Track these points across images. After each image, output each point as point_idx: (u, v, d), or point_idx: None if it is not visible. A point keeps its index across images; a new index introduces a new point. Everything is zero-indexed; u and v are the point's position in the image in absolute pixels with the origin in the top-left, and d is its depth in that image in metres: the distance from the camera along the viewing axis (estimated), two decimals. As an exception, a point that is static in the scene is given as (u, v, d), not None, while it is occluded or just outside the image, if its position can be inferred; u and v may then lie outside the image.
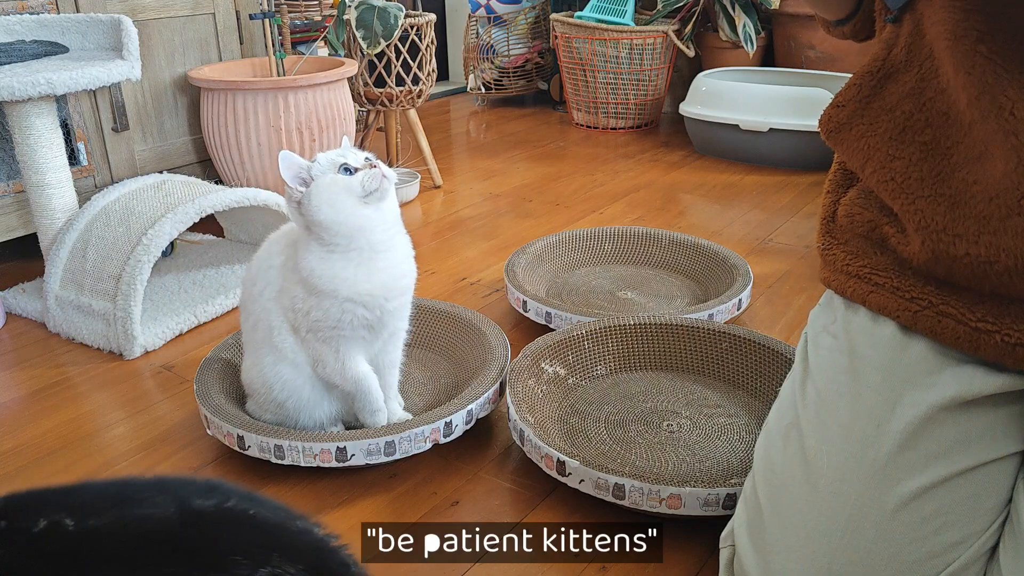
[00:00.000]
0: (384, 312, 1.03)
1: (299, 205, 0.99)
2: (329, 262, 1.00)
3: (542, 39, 3.39)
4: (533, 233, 1.94)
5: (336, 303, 1.01)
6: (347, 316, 1.02)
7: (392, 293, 1.03)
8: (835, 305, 0.82)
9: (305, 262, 1.01)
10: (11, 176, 1.69)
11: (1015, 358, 0.67)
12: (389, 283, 1.02)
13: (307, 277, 1.01)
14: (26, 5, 1.65)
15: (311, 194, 0.98)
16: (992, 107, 0.64)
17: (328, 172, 0.98)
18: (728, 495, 0.91)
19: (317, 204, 0.97)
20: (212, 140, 1.91)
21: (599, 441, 1.10)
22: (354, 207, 0.98)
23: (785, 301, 1.57)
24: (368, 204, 0.99)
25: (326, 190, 0.98)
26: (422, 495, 1.04)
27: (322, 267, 1.00)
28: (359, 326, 1.03)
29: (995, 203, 0.65)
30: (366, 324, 1.03)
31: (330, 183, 0.98)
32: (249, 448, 1.04)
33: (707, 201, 2.19)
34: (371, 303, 1.01)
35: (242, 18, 2.06)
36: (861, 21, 0.83)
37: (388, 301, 1.03)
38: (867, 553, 0.69)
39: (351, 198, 0.98)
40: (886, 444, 0.70)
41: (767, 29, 2.91)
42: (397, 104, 2.25)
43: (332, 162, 0.99)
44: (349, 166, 0.99)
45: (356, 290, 1.00)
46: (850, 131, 0.77)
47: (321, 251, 1.00)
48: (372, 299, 1.01)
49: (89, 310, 1.43)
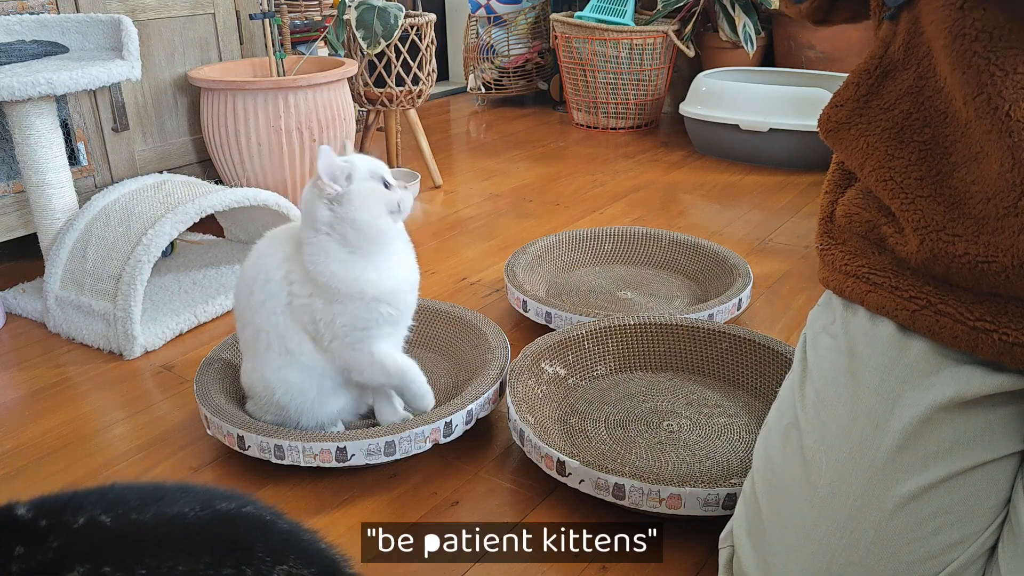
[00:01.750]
0: (406, 305, 1.07)
1: (332, 202, 1.00)
2: (349, 264, 1.02)
3: (542, 39, 3.40)
4: (533, 233, 1.95)
5: (363, 304, 1.03)
6: (374, 315, 1.04)
7: (410, 286, 1.08)
8: (834, 305, 0.82)
9: (323, 267, 1.02)
10: (11, 176, 1.69)
11: (1013, 357, 0.67)
12: (407, 277, 1.08)
13: (327, 282, 1.02)
14: (26, 5, 1.65)
15: (353, 195, 1.01)
16: (988, 107, 0.64)
17: (368, 180, 1.03)
18: (728, 495, 0.91)
19: (358, 206, 1.01)
20: (212, 140, 1.91)
21: (599, 441, 1.10)
22: (384, 217, 1.03)
23: (785, 301, 1.57)
24: (394, 219, 1.05)
25: (369, 196, 1.02)
26: (422, 495, 1.04)
27: (343, 271, 1.02)
28: (384, 323, 1.05)
29: (992, 203, 0.65)
30: (391, 320, 1.06)
31: (373, 190, 1.02)
32: (249, 448, 1.04)
33: (707, 201, 2.19)
34: (394, 299, 1.05)
35: (242, 18, 2.06)
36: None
37: (408, 294, 1.08)
38: (866, 553, 0.69)
39: (385, 210, 1.03)
40: (885, 444, 0.70)
41: (767, 29, 2.91)
42: (397, 104, 2.25)
43: (371, 171, 1.03)
44: (388, 181, 1.04)
45: (380, 288, 1.03)
46: (848, 130, 0.77)
47: (341, 253, 1.02)
48: (395, 295, 1.05)
49: (89, 310, 1.43)
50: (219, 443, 1.12)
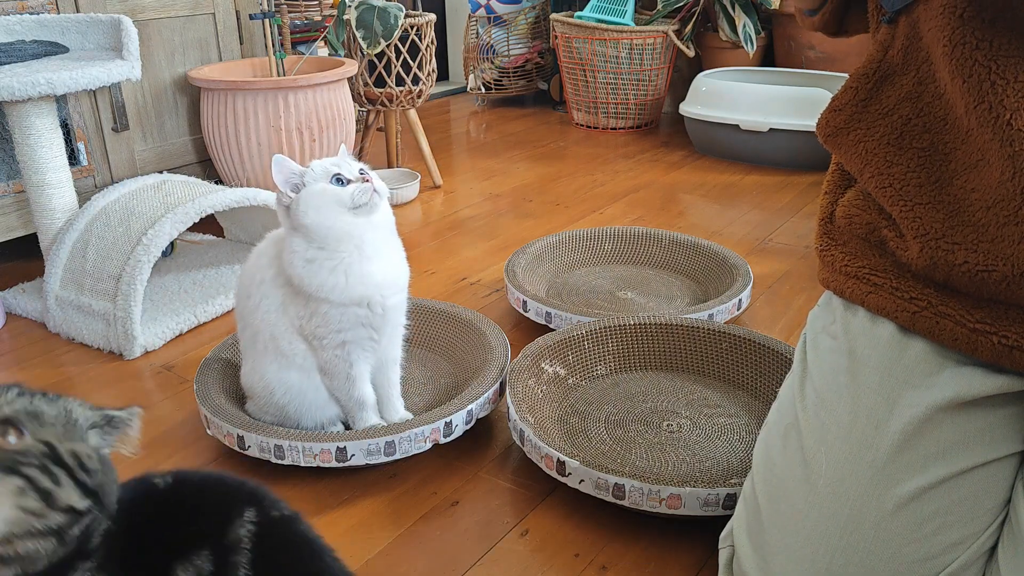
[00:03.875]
0: (385, 309, 1.04)
1: (287, 209, 1.01)
2: (313, 268, 1.01)
3: (542, 39, 3.40)
4: (533, 233, 1.95)
5: (331, 306, 1.02)
6: (347, 318, 1.02)
7: (388, 290, 1.04)
8: (834, 306, 0.82)
9: (291, 268, 1.02)
10: (11, 176, 1.69)
11: (1012, 360, 0.67)
12: (383, 282, 1.04)
13: (299, 284, 1.02)
14: (26, 5, 1.65)
15: (300, 200, 0.99)
16: (989, 116, 0.64)
17: (321, 180, 1.00)
18: (728, 495, 0.91)
19: (304, 210, 0.99)
20: (212, 140, 1.91)
21: (599, 441, 1.10)
22: (341, 216, 1.00)
23: (785, 301, 1.57)
24: (357, 215, 1.00)
25: (315, 198, 0.99)
26: (422, 495, 1.04)
27: (307, 274, 1.01)
28: (360, 325, 1.04)
29: (992, 211, 0.65)
30: (367, 323, 1.04)
31: (320, 192, 0.99)
32: (249, 448, 1.04)
33: (707, 201, 2.19)
34: (367, 304, 1.03)
35: (242, 18, 2.06)
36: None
37: (385, 298, 1.04)
38: (866, 554, 0.69)
39: (339, 208, 0.99)
40: (885, 445, 0.70)
41: (767, 29, 2.91)
42: (397, 104, 2.25)
43: (326, 171, 1.00)
44: (342, 177, 1.00)
45: (349, 295, 1.01)
46: (847, 135, 0.77)
47: (306, 251, 1.01)
48: (367, 300, 1.03)
49: (89, 310, 1.43)
50: (219, 443, 1.12)
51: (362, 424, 1.09)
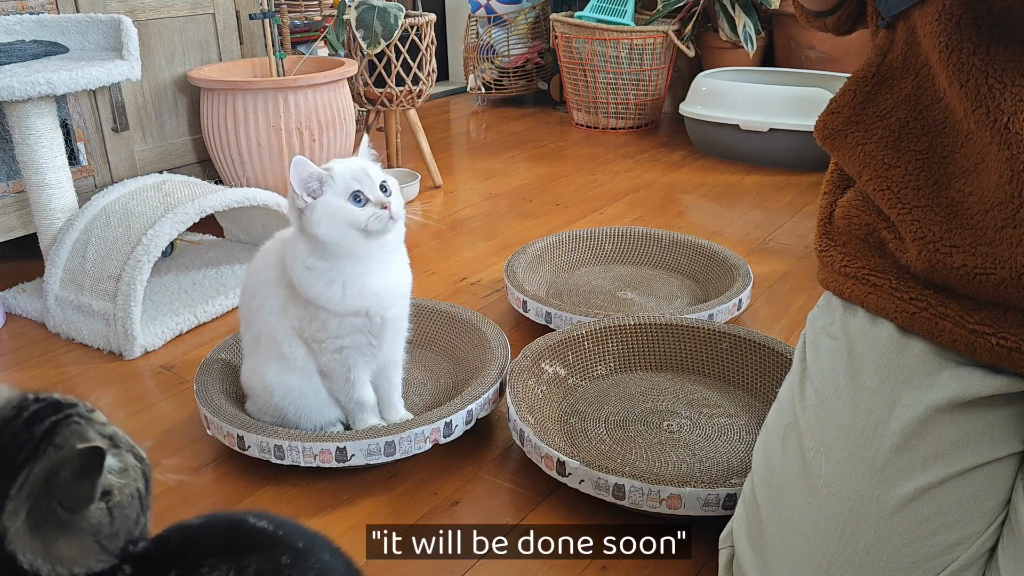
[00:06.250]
0: (384, 319, 1.04)
1: (300, 212, 0.98)
2: (312, 276, 1.00)
3: (542, 39, 3.39)
4: (533, 233, 1.95)
5: (331, 315, 1.01)
6: (345, 326, 1.02)
7: (388, 302, 1.03)
8: (833, 306, 0.82)
9: (291, 270, 1.01)
10: (11, 176, 1.69)
11: (1011, 362, 0.67)
12: (384, 295, 1.02)
13: (297, 289, 1.01)
14: (26, 5, 1.65)
15: (314, 209, 0.96)
16: (987, 120, 0.64)
17: (340, 195, 0.96)
18: (728, 495, 0.91)
19: (317, 221, 0.96)
20: (212, 140, 1.91)
21: (599, 441, 1.10)
22: (352, 235, 0.97)
23: (785, 301, 1.57)
24: (369, 239, 0.98)
25: (329, 215, 0.96)
26: (422, 495, 1.04)
27: (306, 281, 1.00)
28: (359, 332, 1.03)
29: (991, 215, 0.65)
30: (366, 330, 1.04)
31: (336, 210, 0.96)
32: (249, 448, 1.04)
33: (707, 201, 2.19)
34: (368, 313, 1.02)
35: (242, 18, 2.06)
36: (846, 14, 0.82)
37: (385, 310, 1.03)
38: (866, 554, 0.69)
39: (352, 229, 0.97)
40: (884, 445, 0.70)
41: (767, 29, 2.91)
42: (397, 104, 2.25)
43: (346, 185, 0.96)
44: (362, 195, 0.96)
45: (345, 307, 1.01)
46: (845, 138, 0.77)
47: (307, 258, 1.00)
48: (367, 311, 1.02)
49: (89, 310, 1.43)
50: (219, 443, 1.12)
51: (362, 425, 1.09)
